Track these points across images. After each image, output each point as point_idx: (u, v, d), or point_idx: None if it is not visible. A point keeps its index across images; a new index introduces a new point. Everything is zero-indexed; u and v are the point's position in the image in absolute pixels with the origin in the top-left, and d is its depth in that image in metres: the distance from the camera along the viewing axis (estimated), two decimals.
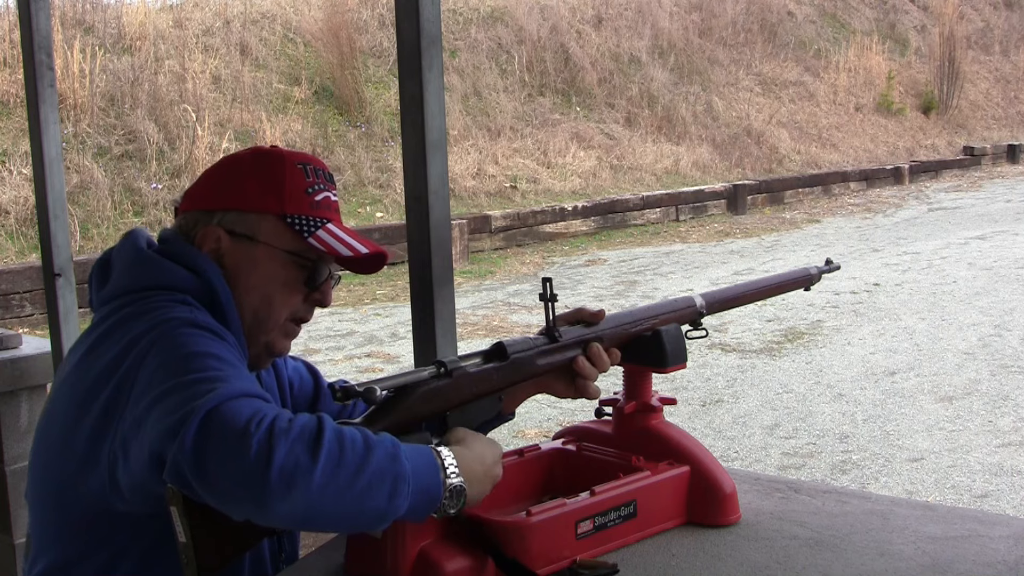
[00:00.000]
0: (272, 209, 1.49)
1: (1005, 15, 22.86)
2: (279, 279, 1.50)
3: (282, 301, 1.50)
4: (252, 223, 1.49)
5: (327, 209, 1.52)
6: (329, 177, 1.57)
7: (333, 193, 1.56)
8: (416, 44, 1.75)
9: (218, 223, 1.50)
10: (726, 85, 16.49)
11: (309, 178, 1.52)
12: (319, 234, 1.49)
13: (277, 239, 1.49)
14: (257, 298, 1.49)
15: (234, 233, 1.49)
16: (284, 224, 1.48)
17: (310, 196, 1.51)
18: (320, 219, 1.50)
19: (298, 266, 1.50)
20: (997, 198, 14.68)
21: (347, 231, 1.53)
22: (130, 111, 10.36)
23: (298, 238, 1.48)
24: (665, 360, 1.59)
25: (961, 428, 5.20)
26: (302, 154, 1.57)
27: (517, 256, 10.91)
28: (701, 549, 1.47)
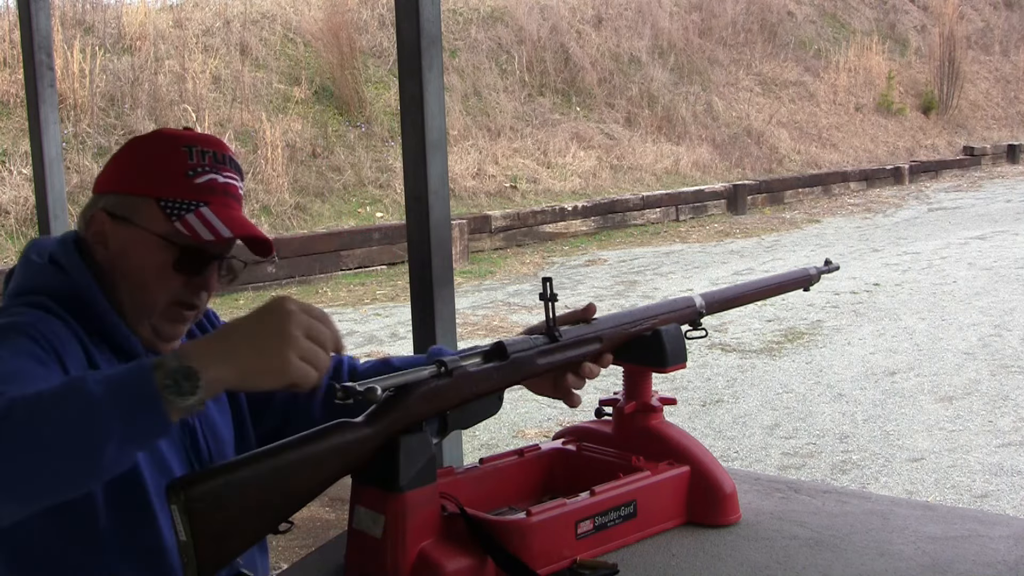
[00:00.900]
0: (148, 192, 1.48)
1: (1005, 15, 22.86)
2: (152, 263, 1.48)
3: (157, 286, 1.48)
4: (130, 206, 1.48)
5: (209, 192, 1.49)
6: (222, 159, 1.52)
7: (224, 175, 1.52)
8: (416, 44, 1.75)
9: (102, 207, 1.50)
10: (726, 85, 16.49)
11: (193, 160, 1.49)
12: (188, 218, 1.46)
13: (151, 222, 1.47)
14: (133, 282, 1.48)
15: (115, 216, 1.49)
16: (158, 207, 1.47)
17: (190, 179, 1.48)
18: (196, 202, 1.47)
19: (169, 250, 1.47)
20: (997, 198, 14.68)
21: (228, 215, 1.49)
22: (130, 111, 10.36)
23: (168, 221, 1.46)
24: (665, 360, 1.59)
25: (961, 428, 5.20)
26: (197, 136, 1.53)
27: (517, 256, 10.91)
28: (701, 549, 1.47)
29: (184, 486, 1.18)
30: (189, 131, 1.56)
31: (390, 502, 1.32)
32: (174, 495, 1.17)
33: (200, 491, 1.18)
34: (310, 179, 10.85)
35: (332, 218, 10.53)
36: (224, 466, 1.24)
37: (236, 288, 9.02)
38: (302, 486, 1.27)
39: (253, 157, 10.57)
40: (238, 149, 10.54)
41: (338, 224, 10.41)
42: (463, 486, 1.51)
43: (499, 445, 4.97)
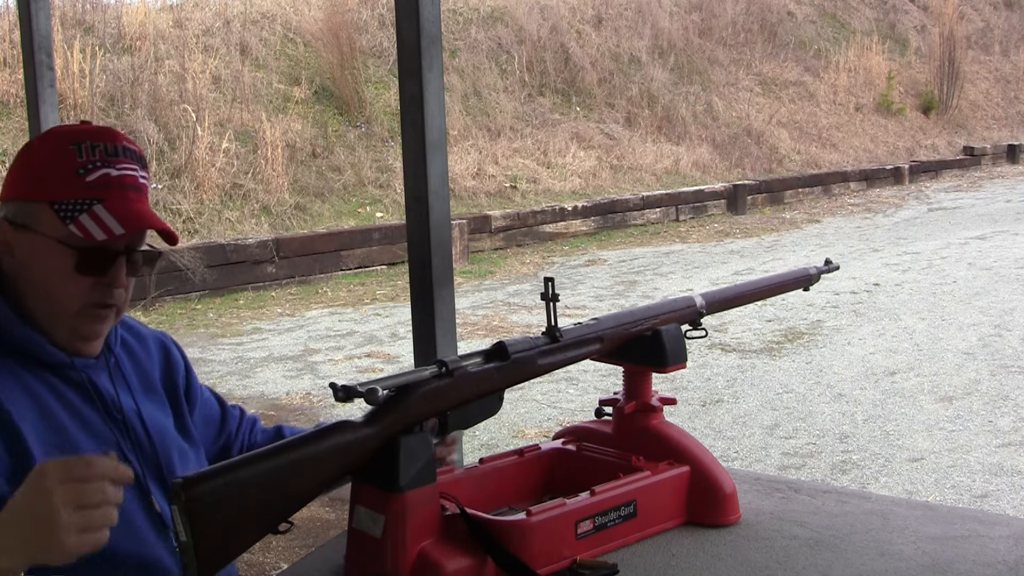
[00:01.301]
0: (41, 196, 1.45)
1: (1005, 15, 22.86)
2: (55, 269, 1.46)
3: (64, 291, 1.46)
4: (28, 212, 1.46)
5: (103, 188, 1.46)
6: (115, 151, 1.49)
7: (119, 167, 1.49)
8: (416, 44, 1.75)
9: (3, 215, 1.48)
10: (726, 85, 16.49)
11: (82, 157, 1.46)
12: (81, 219, 1.43)
13: (48, 227, 1.45)
14: (41, 289, 1.46)
15: (15, 224, 1.47)
16: (52, 211, 1.45)
17: (81, 177, 1.45)
18: (89, 201, 1.45)
19: (69, 254, 1.45)
20: (997, 198, 14.68)
21: (126, 208, 1.47)
22: (130, 111, 10.36)
23: (63, 225, 1.44)
24: (665, 360, 1.59)
25: (961, 428, 5.20)
26: (87, 131, 1.51)
27: (517, 256, 10.91)
28: (701, 549, 1.47)
29: (185, 486, 1.18)
30: (83, 125, 1.53)
31: (390, 502, 1.32)
32: (175, 495, 1.18)
33: (200, 491, 1.18)
34: (310, 179, 10.85)
35: (332, 218, 10.53)
36: (224, 466, 1.24)
37: (236, 288, 9.03)
38: (302, 486, 1.27)
39: (253, 157, 10.57)
40: (238, 149, 10.55)
41: (338, 224, 10.41)
42: (463, 486, 1.51)
43: (499, 445, 4.97)
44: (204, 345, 7.39)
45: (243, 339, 7.58)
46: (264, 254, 9.35)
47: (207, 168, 10.05)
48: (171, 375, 1.69)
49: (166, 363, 1.69)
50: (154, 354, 1.68)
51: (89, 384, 1.51)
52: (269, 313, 8.46)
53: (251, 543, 1.24)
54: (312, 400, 5.99)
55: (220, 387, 6.28)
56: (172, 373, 1.69)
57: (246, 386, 6.33)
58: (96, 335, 1.52)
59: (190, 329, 7.90)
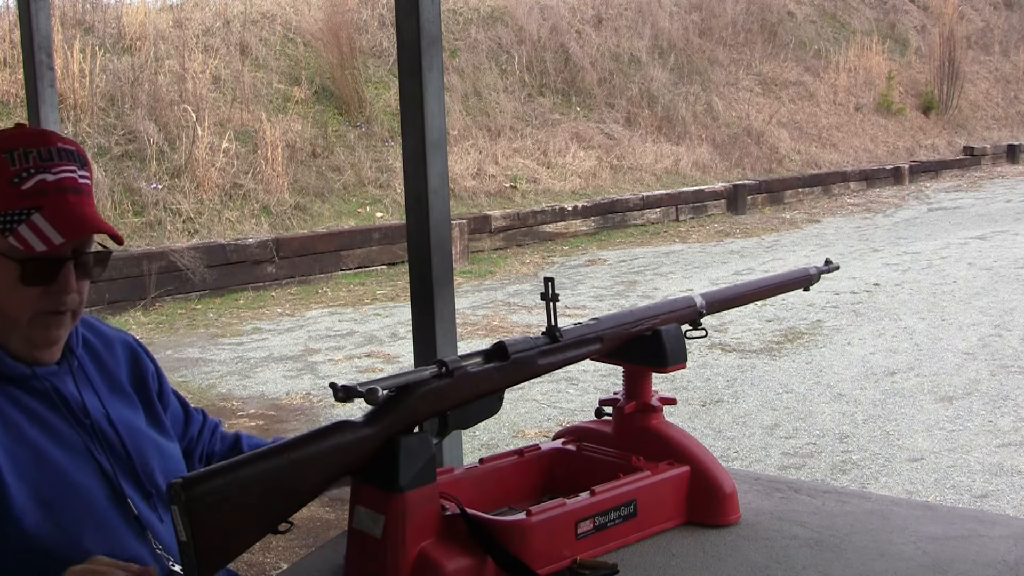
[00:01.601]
0: None
1: (1005, 15, 22.86)
2: (1, 280, 1.43)
3: (12, 302, 1.44)
4: None
5: (40, 195, 1.42)
6: (50, 155, 1.45)
7: (56, 171, 1.44)
8: (416, 44, 1.75)
9: None
10: (726, 85, 16.49)
11: (15, 166, 1.42)
12: (19, 230, 1.40)
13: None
14: None
15: None
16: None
17: (16, 186, 1.41)
18: (26, 211, 1.41)
19: (12, 266, 1.42)
20: (997, 198, 14.68)
21: (66, 213, 1.43)
22: (130, 111, 10.36)
23: (1, 237, 1.41)
24: (665, 360, 1.59)
25: (961, 428, 5.20)
26: (18, 136, 1.46)
27: (517, 256, 10.91)
28: (701, 549, 1.47)
29: (185, 486, 1.18)
30: (17, 129, 1.49)
31: (390, 502, 1.32)
32: (175, 495, 1.18)
33: (200, 491, 1.18)
34: (310, 179, 10.85)
35: (332, 218, 10.53)
36: (224, 466, 1.24)
37: (236, 288, 9.03)
38: (302, 486, 1.27)
39: (253, 157, 10.57)
40: (238, 149, 10.55)
41: (338, 224, 10.41)
42: (463, 486, 1.51)
43: (499, 445, 4.97)
44: (204, 345, 7.39)
45: (243, 339, 7.58)
46: (264, 254, 9.35)
47: (207, 168, 10.05)
48: (140, 376, 1.68)
49: (134, 364, 1.68)
50: (119, 354, 1.67)
51: (53, 392, 1.49)
52: (269, 313, 8.46)
53: (251, 543, 1.24)
54: (312, 400, 5.99)
55: (220, 387, 6.28)
56: (142, 374, 1.68)
57: (246, 386, 6.33)
58: (52, 341, 1.49)
59: (190, 329, 7.90)
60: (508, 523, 1.37)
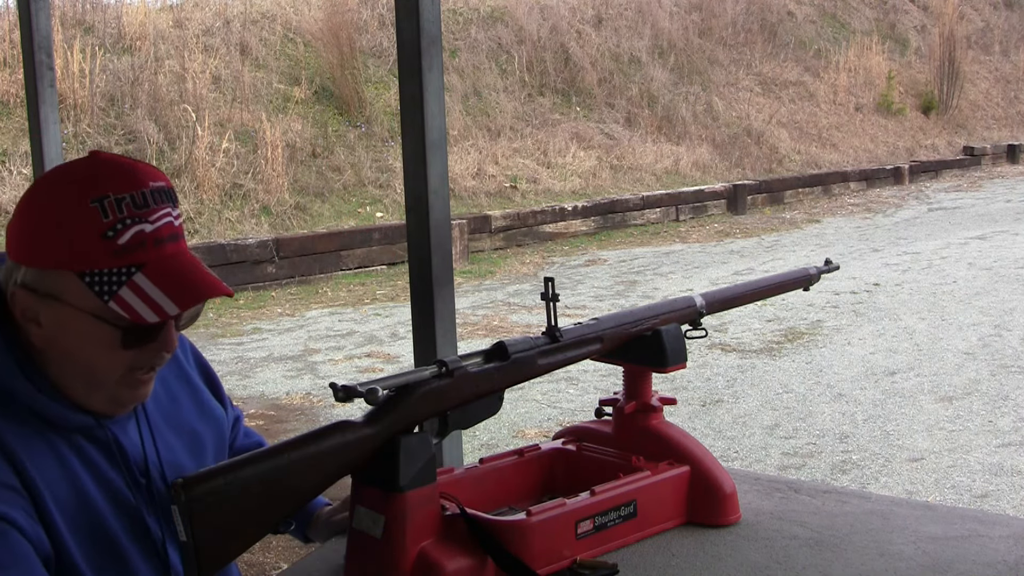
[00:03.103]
0: (65, 266, 1.23)
1: (1005, 15, 22.85)
2: (94, 341, 1.26)
3: (107, 361, 1.28)
4: (52, 281, 1.24)
5: (139, 250, 1.24)
6: (143, 201, 1.25)
7: (152, 220, 1.25)
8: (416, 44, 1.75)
9: (20, 282, 1.26)
10: (726, 85, 16.49)
11: (108, 217, 1.22)
12: (121, 294, 1.22)
13: (81, 300, 1.24)
14: (78, 362, 1.28)
15: (37, 292, 1.25)
16: (83, 283, 1.23)
17: (111, 241, 1.22)
18: (124, 270, 1.23)
19: (110, 329, 1.26)
20: (997, 198, 14.68)
21: (166, 273, 1.26)
22: (130, 111, 10.36)
23: (99, 300, 1.23)
24: (665, 360, 1.59)
25: (961, 428, 5.20)
26: (113, 177, 1.25)
27: (517, 256, 10.91)
28: (701, 549, 1.47)
29: (185, 486, 1.18)
30: (95, 164, 1.28)
31: (390, 502, 1.32)
32: (175, 495, 1.18)
33: (200, 491, 1.19)
34: (310, 179, 10.85)
35: (332, 218, 10.53)
36: (224, 466, 1.24)
37: (236, 288, 9.02)
38: (302, 486, 1.27)
39: (253, 157, 10.57)
40: (238, 149, 10.55)
41: (338, 224, 10.41)
42: (463, 486, 1.51)
43: (499, 445, 4.97)
44: (204, 345, 7.39)
45: (243, 339, 7.58)
46: (264, 254, 9.36)
47: (207, 168, 10.05)
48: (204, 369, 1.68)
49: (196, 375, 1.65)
50: (188, 367, 1.63)
51: (115, 445, 1.36)
52: (269, 313, 8.46)
53: (251, 543, 1.24)
54: (312, 400, 5.99)
55: None
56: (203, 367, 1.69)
57: (246, 386, 6.33)
58: (140, 399, 1.36)
59: (190, 329, 7.89)
60: (508, 523, 1.37)
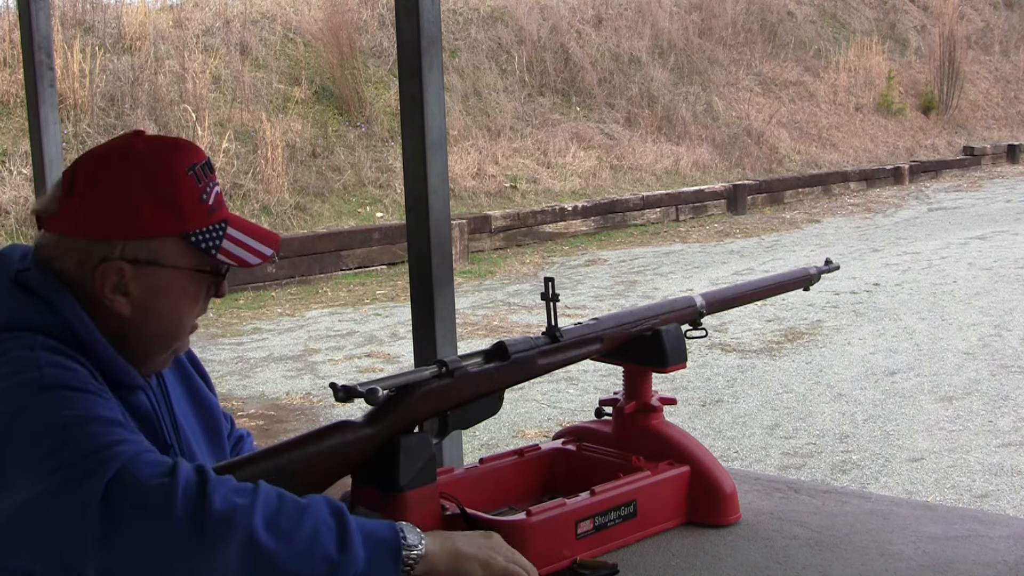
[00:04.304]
0: (173, 230, 1.37)
1: (1005, 15, 22.85)
2: (188, 296, 1.41)
3: (192, 315, 1.44)
4: (154, 249, 1.36)
5: (220, 208, 1.42)
6: (211, 167, 1.45)
7: (217, 182, 1.45)
8: (416, 44, 1.75)
9: (120, 255, 1.35)
10: (726, 85, 16.49)
11: (200, 182, 1.39)
12: (225, 246, 1.39)
13: (183, 259, 1.38)
14: (167, 322, 1.40)
15: (138, 261, 1.36)
16: (188, 244, 1.38)
17: (205, 203, 1.39)
18: (219, 226, 1.40)
19: (205, 280, 1.42)
20: (997, 198, 14.68)
21: (242, 225, 1.44)
22: (130, 111, 10.36)
23: (205, 256, 1.39)
24: (665, 360, 1.59)
25: (961, 428, 5.20)
26: (184, 149, 1.42)
27: (517, 256, 10.91)
28: (701, 549, 1.47)
29: None
30: (165, 143, 1.43)
31: (390, 502, 1.32)
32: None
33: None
34: (310, 179, 10.85)
35: (332, 218, 10.53)
36: (224, 466, 1.24)
37: (236, 288, 9.02)
38: (302, 486, 1.27)
39: (253, 157, 10.57)
40: (238, 149, 10.55)
41: (338, 224, 10.41)
42: (463, 486, 1.51)
43: (499, 445, 4.97)
44: (204, 345, 7.38)
45: (243, 339, 7.58)
46: None
47: None
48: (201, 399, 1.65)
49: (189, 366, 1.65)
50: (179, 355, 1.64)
51: (152, 411, 1.45)
52: (269, 313, 8.46)
53: None
54: (312, 400, 5.99)
55: (220, 387, 6.28)
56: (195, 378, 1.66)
57: (246, 386, 6.33)
58: (185, 348, 1.50)
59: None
60: (508, 523, 1.37)
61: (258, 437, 5.30)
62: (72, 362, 1.28)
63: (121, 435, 1.17)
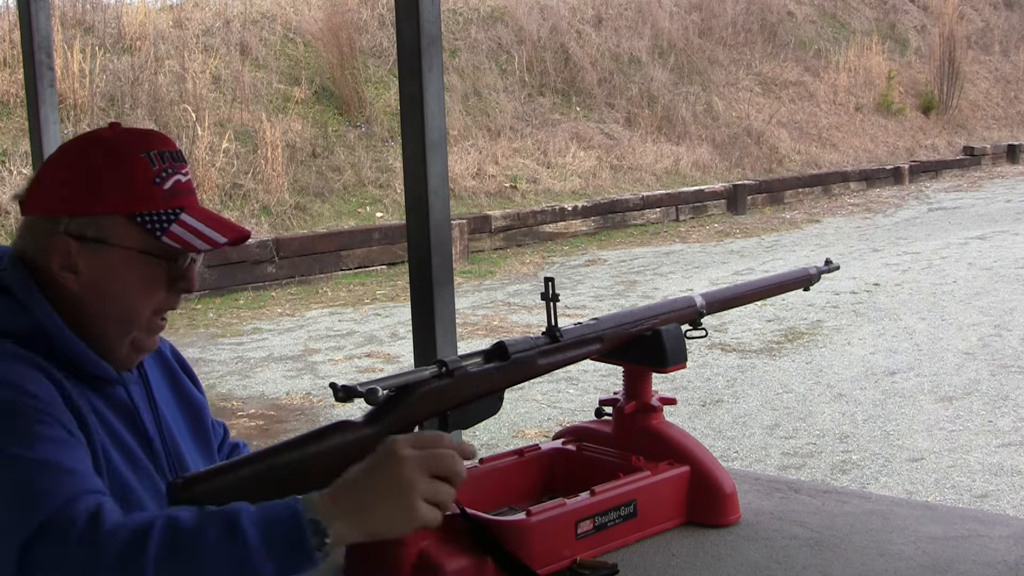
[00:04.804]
0: (121, 209, 1.38)
1: (1005, 15, 22.85)
2: (137, 281, 1.41)
3: (144, 301, 1.42)
4: (102, 226, 1.38)
5: (179, 195, 1.42)
6: (177, 156, 1.45)
7: (183, 172, 1.45)
8: (416, 44, 1.75)
9: (64, 231, 1.38)
10: (726, 85, 16.49)
11: (155, 165, 1.41)
12: (173, 230, 1.39)
13: (130, 240, 1.39)
14: (117, 305, 1.40)
15: (84, 238, 1.38)
16: (135, 224, 1.38)
17: (159, 186, 1.40)
18: (172, 211, 1.40)
19: (156, 264, 1.41)
20: (997, 198, 14.68)
21: (202, 215, 1.43)
22: (130, 111, 10.36)
23: (151, 238, 1.39)
24: (665, 360, 1.59)
25: (961, 428, 5.20)
26: (147, 136, 1.45)
27: (517, 256, 10.91)
28: (701, 549, 1.47)
29: (185, 486, 1.18)
30: (131, 130, 1.47)
31: None
32: (175, 495, 1.18)
33: (200, 491, 1.18)
34: (310, 179, 10.85)
35: (332, 218, 10.53)
36: (224, 466, 1.24)
37: (236, 288, 9.02)
38: (302, 486, 1.27)
39: (253, 157, 10.57)
40: (238, 149, 10.55)
41: (338, 224, 10.41)
42: (463, 486, 1.51)
43: (499, 445, 4.97)
44: (204, 345, 7.39)
45: (243, 339, 7.58)
46: (264, 254, 9.36)
47: (207, 168, 10.05)
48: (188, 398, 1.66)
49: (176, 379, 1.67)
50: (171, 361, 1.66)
51: (128, 404, 1.46)
52: (269, 313, 8.46)
53: None
54: (312, 400, 5.99)
55: (220, 387, 6.28)
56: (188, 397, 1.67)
57: (246, 386, 6.33)
58: (152, 347, 1.49)
59: (190, 329, 7.90)
60: (508, 523, 1.37)
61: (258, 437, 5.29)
62: (33, 369, 1.30)
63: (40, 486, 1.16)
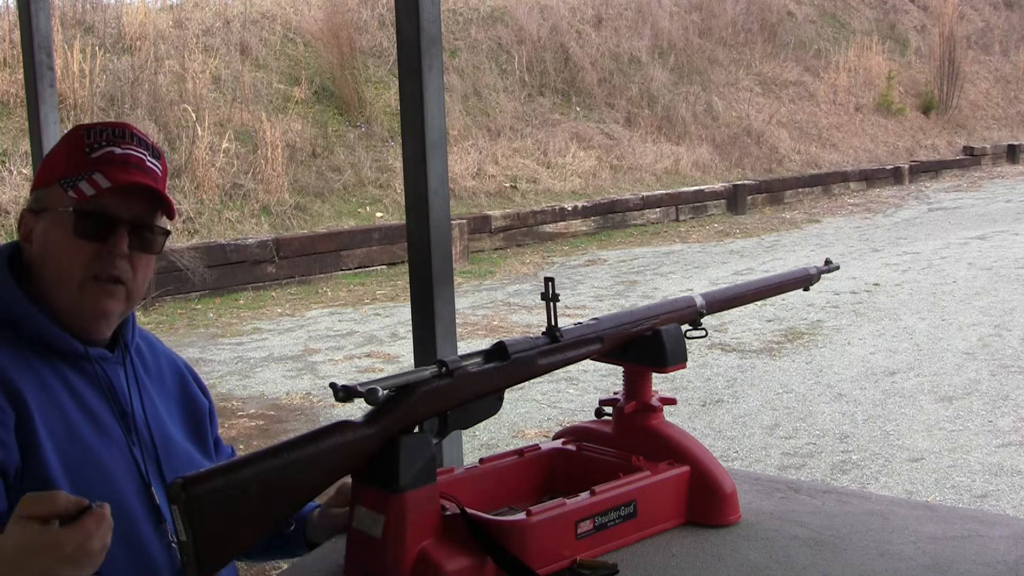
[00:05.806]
0: (54, 178, 1.55)
1: (1005, 15, 22.85)
2: (62, 239, 1.52)
3: (68, 258, 1.52)
4: (44, 197, 1.56)
5: (105, 163, 1.53)
6: (122, 135, 1.58)
7: (124, 147, 1.56)
8: (416, 44, 1.75)
9: (25, 207, 1.59)
10: (726, 85, 16.49)
11: (90, 139, 1.56)
12: (79, 185, 1.51)
13: (56, 202, 1.53)
14: (50, 266, 1.53)
15: (34, 210, 1.57)
16: (60, 187, 1.53)
17: (87, 155, 1.54)
18: (90, 171, 1.53)
19: (69, 219, 1.52)
20: (997, 198, 14.68)
21: (120, 175, 1.53)
22: (130, 111, 10.36)
23: (66, 196, 1.52)
24: (665, 360, 1.59)
25: (961, 428, 5.20)
26: (104, 123, 1.61)
27: (517, 256, 10.91)
28: (701, 549, 1.47)
29: (185, 486, 1.18)
30: (99, 122, 1.64)
31: (390, 502, 1.32)
32: (174, 495, 1.18)
33: (200, 491, 1.18)
34: (310, 179, 10.85)
35: (332, 218, 10.53)
36: (224, 466, 1.24)
37: (236, 288, 9.02)
38: (302, 486, 1.27)
39: (253, 157, 10.57)
40: (238, 149, 10.54)
41: (338, 224, 10.41)
42: (463, 486, 1.51)
43: (499, 445, 4.97)
44: (204, 345, 7.38)
45: (243, 339, 7.58)
46: (264, 254, 9.35)
47: (207, 168, 10.05)
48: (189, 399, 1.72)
49: (181, 385, 1.72)
50: (166, 372, 1.71)
51: (103, 379, 1.54)
52: (269, 313, 8.46)
53: (251, 543, 1.24)
54: (312, 400, 5.99)
55: (220, 387, 6.28)
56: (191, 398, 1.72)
57: (246, 386, 6.33)
58: (102, 312, 1.54)
59: (190, 329, 7.90)
60: (508, 523, 1.37)
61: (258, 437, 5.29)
62: None
63: None
